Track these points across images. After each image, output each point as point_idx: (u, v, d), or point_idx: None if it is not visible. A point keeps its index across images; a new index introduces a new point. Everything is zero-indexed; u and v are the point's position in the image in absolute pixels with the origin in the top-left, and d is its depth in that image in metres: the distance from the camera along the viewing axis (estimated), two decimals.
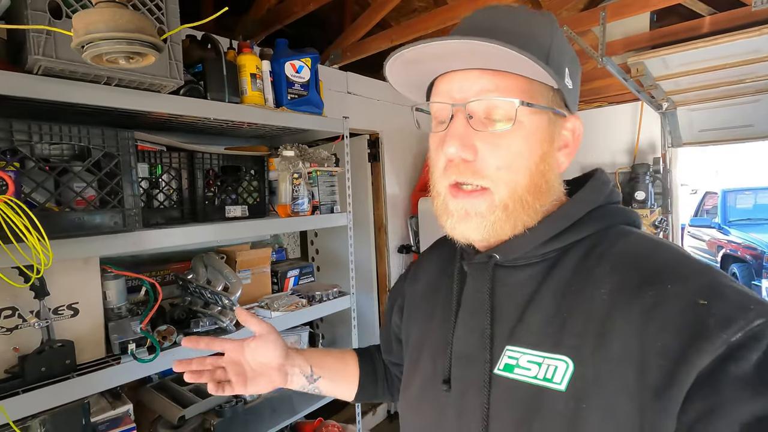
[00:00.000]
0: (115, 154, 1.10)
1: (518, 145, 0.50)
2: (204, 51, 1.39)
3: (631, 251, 0.48)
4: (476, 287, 0.57)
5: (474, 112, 0.50)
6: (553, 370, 0.46)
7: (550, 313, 0.49)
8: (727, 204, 5.63)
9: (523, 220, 0.51)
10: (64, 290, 1.14)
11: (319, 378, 0.74)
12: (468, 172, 0.50)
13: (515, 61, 0.46)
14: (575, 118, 0.55)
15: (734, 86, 2.65)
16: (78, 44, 0.50)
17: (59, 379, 1.04)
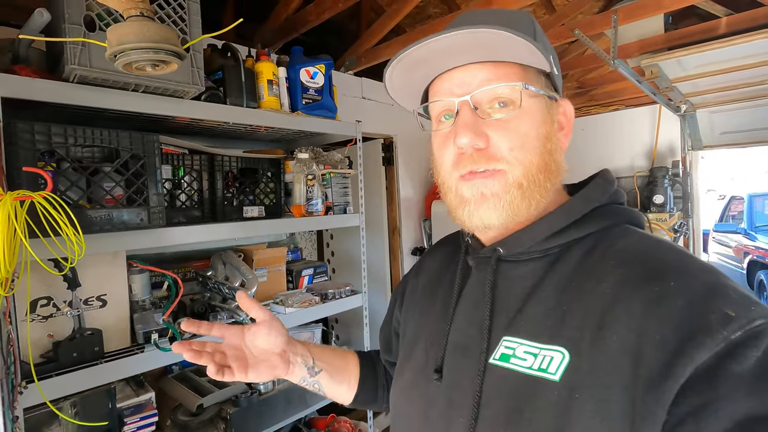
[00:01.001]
0: (141, 155, 1.19)
1: (525, 127, 0.52)
2: (224, 59, 1.47)
3: (635, 248, 0.49)
4: (479, 280, 0.58)
5: (479, 102, 0.52)
6: (548, 360, 0.47)
7: (549, 306, 0.50)
8: (754, 209, 5.45)
9: (537, 199, 0.52)
10: (94, 282, 1.22)
11: (321, 371, 0.73)
12: (482, 160, 0.51)
13: (512, 49, 0.49)
14: (565, 101, 0.58)
15: (756, 87, 2.60)
16: (111, 54, 0.57)
17: (89, 365, 1.11)
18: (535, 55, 0.50)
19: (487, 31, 0.47)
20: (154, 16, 0.59)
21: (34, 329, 1.11)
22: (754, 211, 5.42)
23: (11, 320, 0.98)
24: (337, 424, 1.92)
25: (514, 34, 0.47)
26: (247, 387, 1.48)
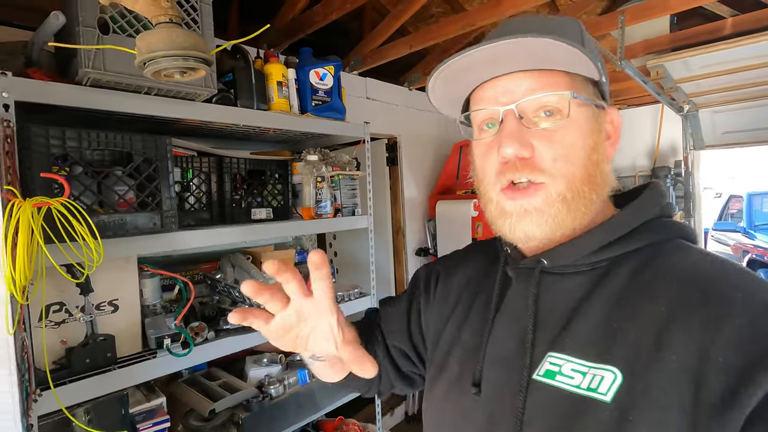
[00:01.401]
0: (153, 159, 1.17)
1: (572, 137, 0.51)
2: (234, 60, 1.45)
3: (692, 266, 0.48)
4: (520, 292, 0.56)
5: (524, 111, 0.51)
6: (599, 380, 0.45)
7: (598, 323, 0.48)
8: (753, 207, 5.49)
9: (582, 211, 0.51)
10: (106, 287, 1.21)
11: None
12: (526, 169, 0.50)
13: (560, 57, 0.48)
14: (613, 110, 0.56)
15: (759, 88, 2.61)
16: (141, 61, 0.56)
17: (102, 371, 1.10)
18: (584, 63, 0.49)
19: (536, 39, 0.46)
20: (182, 22, 0.58)
21: (47, 336, 1.09)
22: (753, 209, 5.46)
23: (25, 327, 0.97)
24: (346, 427, 1.91)
25: (563, 42, 0.46)
26: (259, 392, 1.48)
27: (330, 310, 0.52)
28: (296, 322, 0.52)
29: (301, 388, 1.60)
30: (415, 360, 0.74)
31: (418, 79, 2.90)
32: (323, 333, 0.53)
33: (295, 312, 0.52)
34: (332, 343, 0.54)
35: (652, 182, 0.58)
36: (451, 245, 2.85)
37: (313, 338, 0.54)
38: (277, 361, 1.68)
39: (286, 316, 0.52)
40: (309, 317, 0.52)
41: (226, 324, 1.43)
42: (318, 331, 0.54)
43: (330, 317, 0.53)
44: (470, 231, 2.73)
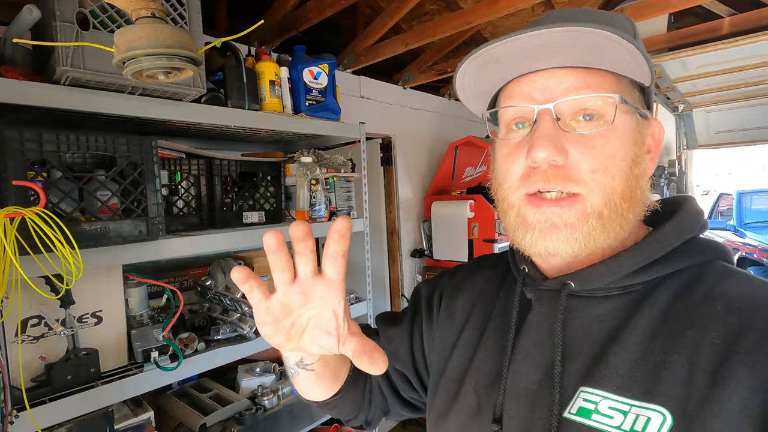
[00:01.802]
0: (138, 162, 1.11)
1: (613, 147, 0.45)
2: (224, 59, 1.39)
3: (748, 293, 0.43)
4: (544, 317, 0.51)
5: (562, 112, 0.46)
6: (644, 421, 0.40)
7: (638, 355, 0.43)
8: (743, 206, 5.54)
9: (616, 230, 0.46)
10: (88, 298, 1.15)
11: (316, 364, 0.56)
12: (558, 179, 0.44)
13: (611, 56, 0.43)
14: (656, 121, 0.51)
15: (753, 87, 2.61)
16: (119, 61, 0.50)
17: (85, 387, 1.04)
18: (638, 66, 0.44)
19: (592, 31, 0.40)
20: (166, 17, 0.52)
21: (24, 351, 1.02)
22: (743, 207, 5.51)
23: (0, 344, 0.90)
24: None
25: (623, 38, 0.40)
26: (252, 403, 1.42)
27: (338, 294, 0.44)
28: (299, 303, 0.44)
29: (296, 398, 1.54)
30: (417, 386, 0.68)
31: (413, 77, 2.85)
32: (325, 323, 0.45)
33: (301, 291, 0.44)
34: (334, 336, 0.45)
35: (686, 197, 0.52)
36: (446, 246, 2.81)
37: (311, 330, 0.46)
38: (270, 370, 1.62)
39: (291, 293, 0.44)
40: (314, 300, 0.44)
41: (218, 334, 1.37)
42: (319, 321, 0.45)
43: (337, 303, 0.44)
44: (466, 232, 2.69)
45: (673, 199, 0.53)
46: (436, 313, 0.66)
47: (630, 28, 0.49)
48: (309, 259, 0.43)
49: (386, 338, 0.70)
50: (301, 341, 0.47)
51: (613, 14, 0.50)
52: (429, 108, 3.12)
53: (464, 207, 2.67)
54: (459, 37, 2.69)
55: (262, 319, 0.45)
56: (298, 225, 0.40)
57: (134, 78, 0.52)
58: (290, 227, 0.41)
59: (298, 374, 0.56)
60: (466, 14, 1.95)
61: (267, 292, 0.44)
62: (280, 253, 0.42)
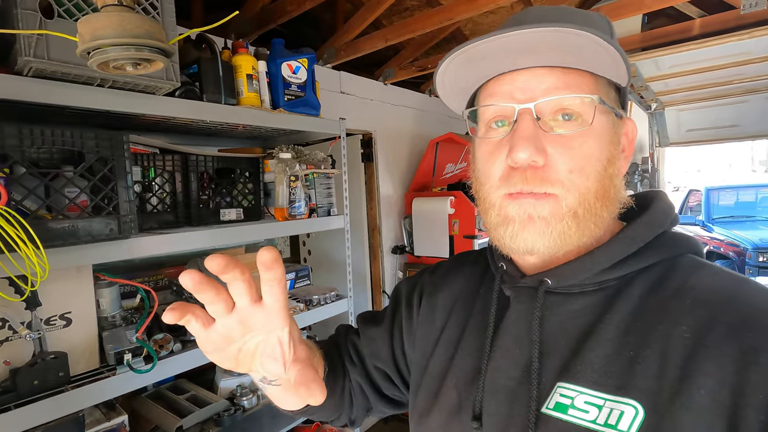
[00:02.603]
0: (109, 158, 1.07)
1: (590, 147, 0.46)
2: (199, 51, 1.35)
3: (716, 287, 0.44)
4: (521, 314, 0.51)
5: (542, 112, 0.46)
6: (617, 415, 0.40)
7: (612, 350, 0.44)
8: (711, 202, 5.76)
9: (591, 229, 0.46)
10: (56, 300, 1.10)
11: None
12: (536, 180, 0.45)
13: (591, 56, 0.43)
14: (630, 120, 0.52)
15: (723, 87, 2.71)
16: (83, 51, 0.48)
17: (53, 392, 1.00)
18: (617, 67, 0.44)
19: (576, 32, 0.40)
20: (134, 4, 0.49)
21: None
22: (711, 203, 5.72)
23: None
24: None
25: (605, 40, 0.40)
26: (230, 404, 1.39)
27: (281, 321, 0.44)
28: (240, 333, 0.44)
29: None
30: (399, 384, 0.68)
31: (393, 73, 2.83)
32: (271, 349, 0.45)
33: (239, 321, 0.43)
34: (280, 362, 0.45)
35: (657, 192, 0.54)
36: (427, 243, 2.82)
37: (260, 355, 0.46)
38: None
39: (228, 323, 0.43)
40: (256, 328, 0.44)
41: None
42: (266, 347, 0.45)
43: (280, 330, 0.45)
44: (447, 228, 2.70)
45: (645, 194, 0.54)
46: (416, 312, 0.66)
47: (607, 28, 0.50)
48: (242, 288, 0.41)
49: (367, 338, 0.70)
50: (252, 365, 0.47)
51: (591, 13, 0.51)
52: (409, 104, 3.11)
53: (445, 203, 2.68)
54: (439, 34, 2.69)
55: (205, 348, 0.45)
56: (216, 259, 0.39)
57: (100, 69, 0.49)
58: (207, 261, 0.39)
59: (266, 389, 0.55)
60: (446, 10, 1.95)
61: (207, 322, 0.43)
62: (202, 291, 0.40)
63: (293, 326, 0.47)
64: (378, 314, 0.73)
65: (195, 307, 0.42)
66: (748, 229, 5.00)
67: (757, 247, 4.55)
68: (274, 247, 0.41)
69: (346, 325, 0.77)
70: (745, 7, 1.82)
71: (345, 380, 0.69)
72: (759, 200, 5.69)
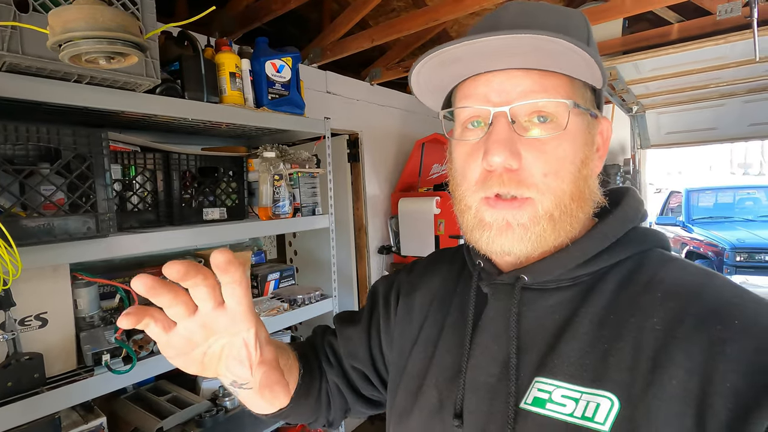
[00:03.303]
0: (87, 155, 1.05)
1: (564, 150, 0.46)
2: (181, 48, 1.34)
3: (684, 280, 0.45)
4: (499, 311, 0.51)
5: (517, 116, 0.46)
6: (594, 407, 0.41)
7: (587, 344, 0.44)
8: (691, 203, 5.89)
9: (567, 230, 0.47)
10: (32, 299, 1.08)
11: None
12: (512, 183, 0.45)
13: (566, 60, 0.43)
14: (605, 119, 0.52)
15: (700, 91, 2.77)
16: (54, 43, 0.47)
17: (27, 394, 0.98)
18: (591, 71, 0.45)
19: (552, 40, 0.40)
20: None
21: None
22: (691, 204, 5.85)
23: None
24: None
25: (579, 47, 0.41)
26: (213, 404, 1.38)
27: (246, 322, 0.43)
28: (203, 337, 0.42)
29: None
30: (377, 384, 0.68)
31: (380, 74, 2.84)
32: (237, 352, 0.44)
33: (202, 324, 0.42)
34: (246, 365, 0.44)
35: (627, 188, 0.55)
36: (413, 243, 2.83)
37: (225, 359, 0.45)
38: None
39: (191, 327, 0.41)
40: (220, 331, 0.43)
41: None
42: (231, 350, 0.44)
43: (246, 332, 0.43)
44: (433, 228, 2.72)
45: (615, 191, 0.55)
46: (393, 311, 0.66)
47: (583, 27, 0.50)
48: (204, 293, 0.40)
49: (344, 338, 0.70)
50: (218, 369, 0.46)
51: (569, 11, 0.51)
52: (396, 105, 3.12)
53: (431, 203, 2.70)
54: (425, 34, 2.70)
55: (167, 353, 0.43)
56: (175, 265, 0.37)
57: (72, 62, 0.49)
58: (165, 267, 0.37)
59: (238, 393, 0.53)
60: (431, 11, 1.96)
61: (167, 326, 0.41)
62: (157, 295, 0.38)
63: (260, 327, 0.46)
64: (355, 314, 0.73)
65: (154, 309, 0.40)
66: (726, 229, 5.13)
67: (734, 247, 4.67)
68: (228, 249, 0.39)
69: (323, 325, 0.77)
70: (720, 13, 1.87)
71: (322, 381, 0.68)
72: (737, 201, 5.85)
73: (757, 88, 2.79)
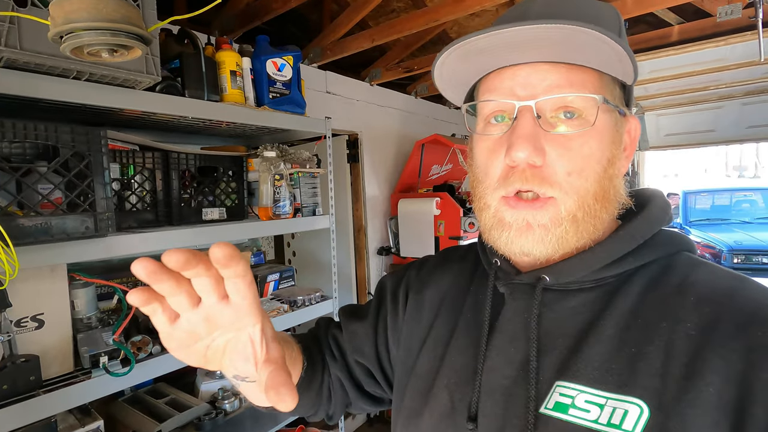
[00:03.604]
0: (85, 153, 1.03)
1: (590, 148, 0.44)
2: (181, 46, 1.32)
3: (717, 284, 0.43)
4: (517, 311, 0.50)
5: (543, 110, 0.45)
6: (621, 414, 0.39)
7: (612, 347, 0.43)
8: (688, 205, 5.91)
9: (590, 231, 0.46)
10: (28, 300, 1.05)
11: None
12: (535, 180, 0.44)
13: (596, 53, 0.42)
14: (633, 118, 0.50)
15: (699, 93, 2.78)
16: (56, 34, 0.45)
17: (23, 397, 0.96)
18: (623, 64, 0.43)
19: (582, 30, 0.39)
20: None
21: None
22: (688, 206, 5.87)
23: None
24: None
25: (611, 38, 0.39)
26: (212, 407, 1.36)
27: (251, 317, 0.40)
28: (207, 330, 0.40)
29: None
30: (381, 381, 0.66)
31: (380, 74, 2.83)
32: (242, 348, 0.42)
33: (206, 317, 0.39)
34: (251, 363, 0.42)
35: (654, 190, 0.53)
36: (413, 244, 2.82)
37: (230, 353, 0.42)
38: None
39: (194, 319, 0.39)
40: (224, 326, 0.40)
41: None
42: (236, 345, 0.42)
43: (251, 328, 0.41)
44: (432, 230, 2.70)
45: (642, 192, 0.53)
46: (402, 308, 0.64)
47: (615, 21, 0.48)
48: (208, 284, 0.37)
49: (349, 333, 0.68)
50: (222, 363, 0.44)
51: (601, 4, 0.49)
52: (396, 105, 3.11)
53: (430, 204, 2.69)
54: (425, 35, 2.70)
55: (168, 345, 0.41)
56: (176, 254, 0.34)
57: (73, 55, 0.47)
58: (165, 255, 0.34)
59: (239, 385, 0.51)
60: (431, 12, 1.96)
61: (173, 317, 0.39)
62: (159, 281, 0.35)
63: (266, 323, 0.44)
64: (361, 308, 0.71)
65: (160, 295, 0.38)
66: (723, 231, 5.15)
67: (732, 249, 4.68)
68: (229, 243, 0.36)
69: (327, 318, 0.75)
70: (721, 15, 1.87)
71: (324, 375, 0.67)
72: (733, 203, 5.87)
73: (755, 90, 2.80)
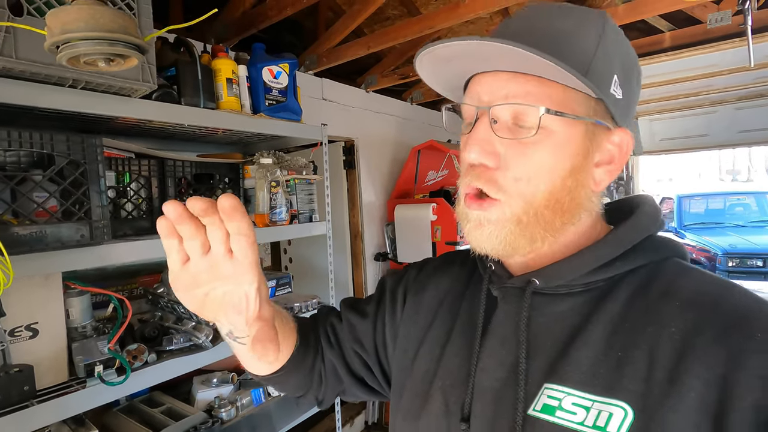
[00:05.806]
0: (81, 161, 1.03)
1: (543, 156, 0.46)
2: (177, 54, 1.33)
3: (704, 290, 0.44)
4: (509, 315, 0.51)
5: (499, 117, 0.47)
6: (606, 417, 0.40)
7: (599, 351, 0.44)
8: (683, 209, 5.95)
9: (541, 234, 0.47)
10: (22, 309, 1.05)
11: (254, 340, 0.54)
12: (482, 179, 0.47)
13: (547, 67, 0.43)
14: (623, 131, 0.49)
15: (692, 98, 2.81)
16: (52, 44, 0.46)
17: (17, 408, 0.95)
18: (573, 78, 0.43)
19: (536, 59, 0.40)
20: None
21: None
22: (683, 210, 5.91)
23: None
24: None
25: (542, 57, 0.40)
26: (208, 416, 1.35)
27: (249, 275, 0.45)
28: (207, 279, 0.45)
29: (256, 408, 1.48)
30: (378, 374, 0.68)
31: (375, 81, 2.85)
32: (236, 301, 0.47)
33: (210, 265, 0.44)
34: (243, 317, 0.48)
35: (644, 196, 0.54)
36: (410, 249, 2.82)
37: (225, 305, 0.47)
38: (228, 380, 1.55)
39: (200, 266, 0.44)
40: (224, 278, 0.45)
41: (171, 344, 1.29)
42: (231, 298, 0.47)
43: (248, 285, 0.46)
44: (429, 235, 2.71)
45: (632, 199, 0.54)
46: (400, 308, 0.66)
47: (594, 30, 0.47)
48: (219, 235, 0.42)
49: (350, 324, 0.69)
50: (217, 314, 0.49)
51: (587, 15, 0.48)
52: (392, 112, 3.13)
53: (427, 210, 2.69)
54: (421, 42, 2.71)
55: (174, 285, 0.47)
56: (197, 201, 0.40)
57: (70, 65, 0.47)
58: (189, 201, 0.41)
59: (233, 346, 0.55)
60: (426, 19, 1.97)
61: (185, 259, 0.44)
62: (183, 222, 0.41)
63: (262, 284, 0.48)
64: (362, 301, 0.73)
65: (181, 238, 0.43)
66: (717, 235, 5.19)
67: (726, 252, 4.72)
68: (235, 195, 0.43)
69: (329, 306, 0.77)
70: (711, 22, 1.90)
71: (317, 358, 0.68)
72: (727, 207, 5.92)
73: (748, 95, 2.83)
